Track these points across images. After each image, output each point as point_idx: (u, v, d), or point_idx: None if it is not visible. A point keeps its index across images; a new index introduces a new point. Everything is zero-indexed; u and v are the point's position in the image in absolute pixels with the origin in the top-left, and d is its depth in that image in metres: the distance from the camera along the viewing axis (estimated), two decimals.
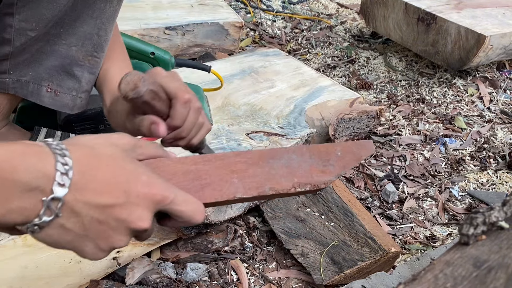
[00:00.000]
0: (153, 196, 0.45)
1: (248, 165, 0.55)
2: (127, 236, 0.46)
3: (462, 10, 1.81)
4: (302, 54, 2.02)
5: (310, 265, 1.00)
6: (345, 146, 0.59)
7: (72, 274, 0.89)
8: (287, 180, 0.55)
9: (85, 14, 0.78)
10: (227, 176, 0.54)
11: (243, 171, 0.55)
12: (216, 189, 0.53)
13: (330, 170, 0.57)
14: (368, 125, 1.34)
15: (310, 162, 0.57)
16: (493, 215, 0.53)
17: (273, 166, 0.56)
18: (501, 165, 1.43)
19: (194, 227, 1.02)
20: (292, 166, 0.56)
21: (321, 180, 0.56)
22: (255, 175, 0.55)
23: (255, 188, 0.54)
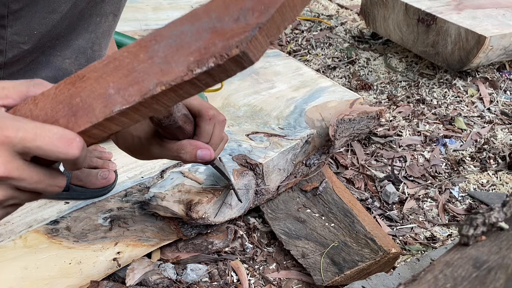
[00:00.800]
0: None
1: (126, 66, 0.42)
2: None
3: (462, 11, 1.81)
4: (302, 55, 2.02)
5: (311, 266, 1.00)
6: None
7: (72, 275, 0.89)
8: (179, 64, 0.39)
9: (80, 28, 0.78)
10: (101, 89, 0.42)
11: (120, 76, 0.42)
12: (89, 111, 0.42)
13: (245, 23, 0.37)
14: (368, 126, 1.34)
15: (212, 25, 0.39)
16: (493, 216, 0.53)
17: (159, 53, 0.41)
18: (501, 166, 1.43)
19: (194, 228, 1.02)
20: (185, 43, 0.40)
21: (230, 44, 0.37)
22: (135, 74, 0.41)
23: (137, 91, 0.40)
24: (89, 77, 0.43)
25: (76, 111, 0.42)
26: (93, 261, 0.92)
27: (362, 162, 1.41)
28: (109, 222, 1.00)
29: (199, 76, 0.39)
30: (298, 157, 1.19)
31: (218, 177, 1.03)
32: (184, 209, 0.95)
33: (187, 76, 0.39)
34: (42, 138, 0.41)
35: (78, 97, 0.42)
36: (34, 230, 0.95)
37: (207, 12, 0.39)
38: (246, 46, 0.36)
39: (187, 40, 0.39)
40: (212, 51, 0.38)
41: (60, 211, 1.00)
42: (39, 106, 0.44)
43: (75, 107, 0.42)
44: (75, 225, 0.98)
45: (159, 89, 0.40)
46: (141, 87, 0.40)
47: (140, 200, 1.05)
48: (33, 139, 0.40)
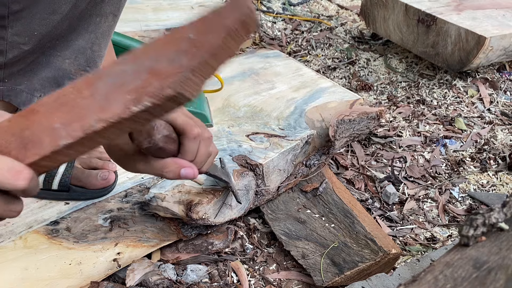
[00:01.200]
0: None
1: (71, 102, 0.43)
2: None
3: (462, 11, 1.81)
4: (302, 56, 2.02)
5: (311, 266, 1.00)
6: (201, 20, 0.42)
7: (72, 275, 0.89)
8: (117, 102, 0.41)
9: (80, 28, 0.78)
10: (49, 123, 0.43)
11: (66, 111, 0.43)
12: (37, 143, 0.43)
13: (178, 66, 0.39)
14: (368, 127, 1.34)
15: (149, 65, 0.41)
16: (493, 217, 0.53)
17: (100, 90, 0.42)
18: (502, 166, 1.43)
19: (194, 229, 1.02)
20: (125, 81, 0.41)
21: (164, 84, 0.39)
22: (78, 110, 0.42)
23: (80, 127, 0.42)
24: (39, 110, 0.45)
25: (26, 143, 0.44)
26: (93, 261, 0.92)
27: (362, 162, 1.41)
28: (109, 223, 1.00)
29: (136, 113, 0.40)
30: (298, 158, 1.19)
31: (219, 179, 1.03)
32: (184, 210, 0.95)
33: (125, 113, 0.40)
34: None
35: (29, 130, 0.44)
36: (34, 231, 0.95)
37: (147, 53, 0.42)
38: (180, 87, 0.39)
39: (127, 79, 0.41)
40: (148, 90, 0.40)
41: (60, 211, 1.00)
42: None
43: (26, 140, 0.44)
44: (75, 225, 0.98)
45: (100, 125, 0.41)
46: (83, 123, 0.42)
47: (140, 201, 1.05)
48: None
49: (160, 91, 0.39)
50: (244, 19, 0.40)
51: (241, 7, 0.40)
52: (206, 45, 0.39)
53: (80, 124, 0.42)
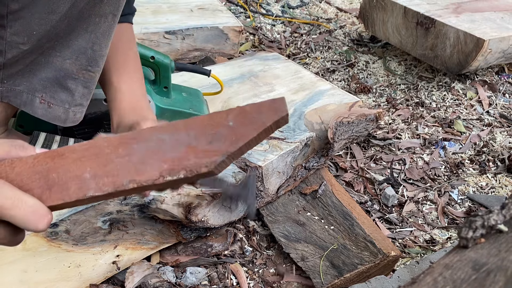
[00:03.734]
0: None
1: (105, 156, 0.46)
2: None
3: (461, 14, 1.82)
4: (301, 58, 2.02)
5: (310, 269, 1.00)
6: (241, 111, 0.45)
7: (71, 278, 0.89)
8: (153, 167, 0.44)
9: (79, 28, 0.78)
10: (78, 171, 0.45)
11: (98, 163, 0.45)
12: (63, 189, 0.45)
13: (216, 148, 0.44)
14: (367, 129, 1.34)
15: (188, 141, 0.45)
16: (492, 218, 0.53)
17: (137, 153, 0.45)
18: (501, 168, 1.44)
19: (193, 231, 1.02)
20: (162, 150, 0.45)
21: (201, 163, 0.43)
22: (112, 167, 0.45)
23: (111, 183, 0.44)
24: (68, 156, 0.47)
25: (51, 185, 0.45)
26: (92, 264, 0.92)
27: (361, 165, 1.41)
28: (109, 225, 1.00)
29: (168, 182, 0.44)
30: (298, 160, 1.19)
31: None
32: (183, 212, 0.95)
33: (158, 180, 0.44)
34: (18, 209, 0.43)
35: (55, 172, 0.46)
36: (33, 233, 0.95)
37: (187, 128, 0.45)
38: (214, 167, 0.43)
39: (164, 148, 0.45)
40: (184, 164, 0.44)
41: (59, 214, 1.00)
42: (16, 171, 0.46)
43: (51, 182, 0.46)
44: (74, 228, 0.98)
45: (131, 185, 0.44)
46: (116, 180, 0.45)
47: (139, 203, 1.05)
48: (9, 208, 0.43)
49: (196, 167, 0.43)
50: (279, 120, 0.44)
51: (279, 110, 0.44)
52: (244, 136, 0.44)
53: (112, 180, 0.45)
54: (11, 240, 0.46)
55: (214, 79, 1.30)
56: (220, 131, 0.44)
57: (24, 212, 0.44)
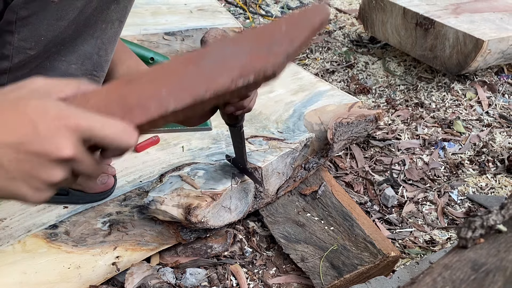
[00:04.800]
0: (65, 125, 0.45)
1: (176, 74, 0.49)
2: (57, 169, 0.46)
3: (460, 15, 1.82)
4: (301, 59, 2.03)
5: (310, 269, 1.00)
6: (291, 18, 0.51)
7: (71, 279, 0.89)
8: (224, 76, 0.48)
9: (86, 34, 0.79)
10: (154, 91, 0.49)
11: (171, 81, 0.49)
12: (144, 108, 0.48)
13: (277, 51, 0.48)
14: (366, 129, 1.34)
15: (249, 50, 0.49)
16: (491, 219, 0.53)
17: (206, 66, 0.49)
18: (500, 169, 1.44)
19: (193, 232, 1.02)
20: (228, 61, 0.49)
21: (267, 65, 0.48)
22: (186, 81, 0.49)
23: (189, 95, 0.48)
24: (139, 80, 0.50)
25: (131, 108, 0.49)
26: (92, 265, 0.92)
27: (361, 165, 1.41)
28: (108, 227, 1.00)
29: (239, 87, 0.48)
30: (297, 161, 1.19)
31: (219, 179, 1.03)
32: (183, 213, 0.95)
33: (231, 86, 0.48)
34: (108, 129, 0.47)
35: (132, 96, 0.49)
36: (33, 235, 0.95)
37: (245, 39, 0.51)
38: (277, 68, 0.48)
39: (229, 59, 0.49)
40: (252, 69, 0.48)
41: (59, 215, 1.00)
42: (91, 102, 0.50)
43: (130, 105, 0.49)
44: (74, 229, 0.98)
45: (208, 94, 0.48)
46: (192, 92, 0.48)
47: (139, 204, 1.05)
48: (100, 129, 0.46)
49: (263, 70, 0.47)
50: (323, 21, 0.50)
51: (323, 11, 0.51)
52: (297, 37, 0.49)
53: (189, 92, 0.48)
54: (97, 169, 0.50)
55: None
56: (276, 36, 0.49)
57: (115, 131, 0.47)
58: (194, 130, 1.26)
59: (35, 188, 0.47)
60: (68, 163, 0.47)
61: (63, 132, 0.45)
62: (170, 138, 1.23)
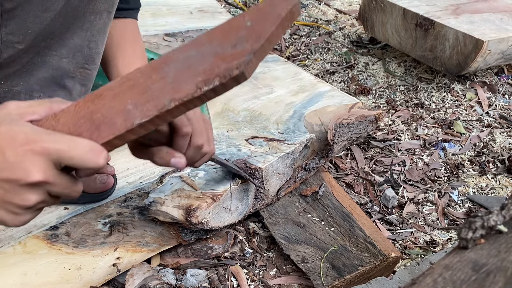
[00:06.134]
0: (32, 150, 0.45)
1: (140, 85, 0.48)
2: (30, 193, 0.47)
3: (460, 15, 1.82)
4: (301, 60, 2.03)
5: (310, 270, 1.00)
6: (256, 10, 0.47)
7: (72, 280, 0.89)
8: (188, 83, 0.46)
9: (75, 26, 0.78)
10: (120, 106, 0.48)
11: (136, 93, 0.48)
12: (111, 124, 0.48)
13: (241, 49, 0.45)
14: (366, 130, 1.34)
15: (214, 51, 0.46)
16: (492, 219, 0.53)
17: (169, 74, 0.47)
18: (500, 169, 1.44)
19: (194, 233, 1.02)
20: (192, 65, 0.47)
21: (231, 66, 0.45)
22: (150, 92, 0.47)
23: (154, 106, 0.47)
24: (106, 95, 0.49)
25: (98, 125, 0.48)
26: (92, 266, 0.92)
27: (361, 166, 1.41)
28: (109, 228, 1.00)
29: (206, 92, 0.46)
30: (298, 162, 1.19)
31: (219, 180, 1.03)
32: (183, 214, 0.95)
33: (197, 93, 0.45)
34: (74, 150, 0.46)
35: (99, 113, 0.48)
36: (34, 236, 0.95)
37: (209, 40, 0.47)
38: (244, 68, 0.44)
39: (194, 63, 0.46)
40: (217, 72, 0.45)
41: (59, 216, 1.00)
42: (61, 122, 0.49)
43: (97, 122, 0.48)
44: (74, 230, 0.98)
45: (173, 104, 0.46)
46: (157, 103, 0.46)
47: (139, 205, 1.05)
48: (67, 151, 0.46)
49: (228, 71, 0.44)
50: (293, 9, 0.46)
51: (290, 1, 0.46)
52: (264, 32, 0.45)
53: (154, 104, 0.46)
54: (73, 189, 0.50)
55: None
56: (241, 33, 0.46)
57: (81, 151, 0.47)
58: None
59: (12, 212, 0.48)
60: (40, 187, 0.47)
61: (30, 157, 0.45)
62: None
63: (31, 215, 0.49)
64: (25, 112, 0.50)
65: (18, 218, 0.49)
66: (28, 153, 0.45)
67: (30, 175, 0.45)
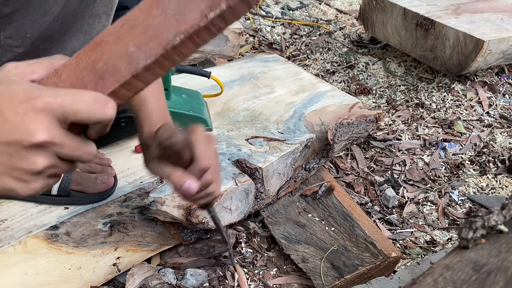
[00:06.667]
0: (33, 107, 0.42)
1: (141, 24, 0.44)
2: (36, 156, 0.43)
3: (460, 15, 1.82)
4: (301, 60, 2.03)
5: (311, 270, 1.00)
6: None
7: (72, 280, 0.89)
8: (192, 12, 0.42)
9: (74, 29, 0.78)
10: (122, 50, 0.44)
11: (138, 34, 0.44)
12: (115, 71, 0.44)
13: None
14: (366, 130, 1.34)
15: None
16: (492, 219, 0.53)
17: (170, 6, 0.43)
18: (501, 169, 1.44)
19: (194, 233, 1.02)
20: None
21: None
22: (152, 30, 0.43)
23: (157, 44, 0.43)
24: (107, 41, 0.45)
25: (102, 74, 0.44)
26: (93, 266, 0.92)
27: (361, 166, 1.41)
28: (109, 227, 1.00)
29: (213, 20, 0.41)
30: (298, 162, 1.19)
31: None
32: (184, 214, 0.95)
33: (203, 21, 0.41)
34: (79, 102, 0.42)
35: (101, 61, 0.44)
36: (34, 236, 0.95)
37: None
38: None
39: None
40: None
41: (59, 216, 1.00)
42: (63, 77, 0.46)
43: (100, 71, 0.44)
44: (74, 230, 0.98)
45: (178, 38, 0.42)
46: (161, 39, 0.42)
47: (140, 205, 1.05)
48: (71, 104, 0.42)
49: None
50: None
51: None
52: None
53: (158, 41, 0.42)
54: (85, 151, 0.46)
55: (214, 81, 1.30)
56: None
57: (86, 103, 0.43)
58: None
59: (20, 180, 0.44)
60: (47, 148, 0.43)
61: (32, 114, 0.42)
62: None
63: (42, 182, 0.46)
64: (24, 72, 0.47)
65: (29, 186, 0.45)
66: (30, 111, 0.42)
67: (34, 135, 0.42)
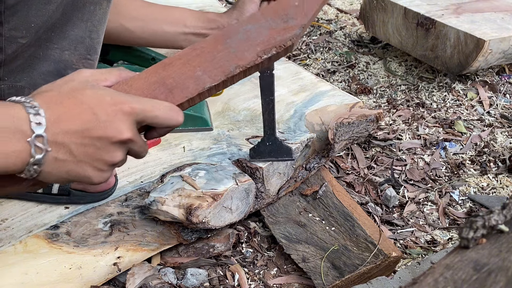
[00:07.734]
0: (121, 110, 0.50)
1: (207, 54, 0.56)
2: (118, 150, 0.52)
3: (461, 14, 1.82)
4: (301, 59, 2.02)
5: (311, 270, 1.00)
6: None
7: (72, 280, 0.89)
8: (250, 52, 0.55)
9: (75, 18, 0.78)
10: (190, 72, 0.55)
11: (204, 61, 0.56)
12: (183, 88, 0.55)
13: (292, 25, 0.56)
14: (367, 129, 1.34)
15: (268, 25, 0.57)
16: (493, 219, 0.53)
17: (232, 45, 0.56)
18: (502, 169, 1.43)
19: (194, 233, 1.02)
20: (251, 37, 0.56)
21: (285, 38, 0.55)
22: (217, 60, 0.56)
23: (221, 72, 0.55)
24: (176, 63, 0.56)
25: (171, 89, 0.55)
26: (93, 266, 0.92)
27: (362, 166, 1.41)
28: (109, 227, 1.00)
29: (264, 60, 0.55)
30: (298, 161, 1.19)
31: (220, 179, 1.02)
32: (184, 214, 0.95)
33: (257, 60, 0.55)
34: (158, 110, 0.52)
35: (170, 78, 0.56)
36: (34, 235, 0.95)
37: (264, 16, 0.58)
38: (295, 40, 0.55)
39: (252, 36, 0.56)
40: (273, 43, 0.55)
41: (60, 216, 1.00)
42: (134, 87, 0.56)
43: (170, 86, 0.55)
44: (75, 230, 0.98)
45: (238, 70, 0.55)
46: (224, 69, 0.55)
47: (140, 205, 1.05)
48: (151, 110, 0.52)
49: (283, 42, 0.55)
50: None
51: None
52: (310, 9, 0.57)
53: (221, 70, 0.55)
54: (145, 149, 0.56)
55: None
56: (290, 11, 0.57)
57: (164, 110, 0.53)
58: (195, 130, 1.26)
59: (98, 169, 0.52)
60: (126, 145, 0.52)
61: (120, 116, 0.50)
62: (171, 139, 1.23)
63: (111, 172, 0.54)
64: (99, 79, 0.55)
65: (103, 175, 0.53)
66: (118, 112, 0.50)
67: (122, 133, 0.50)
